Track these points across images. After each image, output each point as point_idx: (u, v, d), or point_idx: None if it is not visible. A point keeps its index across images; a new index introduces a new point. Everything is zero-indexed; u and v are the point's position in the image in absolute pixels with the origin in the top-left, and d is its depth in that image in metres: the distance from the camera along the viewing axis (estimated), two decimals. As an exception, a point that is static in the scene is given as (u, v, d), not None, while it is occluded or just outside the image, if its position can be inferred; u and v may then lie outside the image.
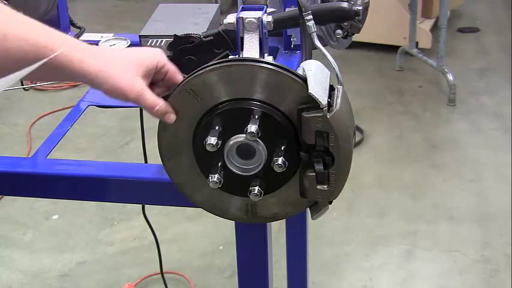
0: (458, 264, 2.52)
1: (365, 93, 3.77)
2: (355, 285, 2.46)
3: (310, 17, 1.06)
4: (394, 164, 3.15)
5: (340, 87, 1.00)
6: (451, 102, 3.66)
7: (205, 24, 1.43)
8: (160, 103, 0.99)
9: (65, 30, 1.62)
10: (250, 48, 1.13)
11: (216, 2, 4.31)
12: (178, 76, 1.04)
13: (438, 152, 3.26)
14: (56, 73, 0.95)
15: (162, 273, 2.21)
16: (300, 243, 2.01)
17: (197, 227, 2.76)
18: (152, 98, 0.98)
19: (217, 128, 0.99)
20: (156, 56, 1.01)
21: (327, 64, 1.02)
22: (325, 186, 0.99)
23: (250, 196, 1.01)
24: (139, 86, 0.97)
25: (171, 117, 1.00)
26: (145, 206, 1.93)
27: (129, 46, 1.50)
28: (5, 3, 0.93)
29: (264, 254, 1.21)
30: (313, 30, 1.06)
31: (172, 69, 1.04)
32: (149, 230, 1.99)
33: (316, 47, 1.06)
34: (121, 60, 0.97)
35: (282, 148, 0.99)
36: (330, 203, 1.03)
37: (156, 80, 1.03)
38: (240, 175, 1.02)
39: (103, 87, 0.96)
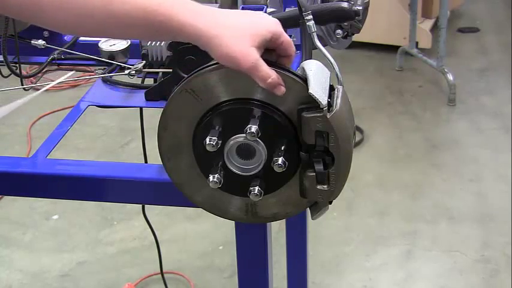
0: (458, 264, 2.52)
1: (365, 93, 3.77)
2: (355, 285, 2.46)
3: (310, 17, 1.05)
4: (394, 164, 3.15)
5: (340, 87, 1.00)
6: (451, 102, 3.66)
7: (205, 24, 1.42)
8: (273, 75, 0.95)
9: (65, 30, 1.62)
10: (250, 48, 1.12)
11: (216, 2, 4.31)
12: (292, 49, 1.01)
13: (438, 152, 3.26)
14: (166, 36, 0.95)
15: (162, 273, 2.21)
16: (300, 243, 2.00)
17: (197, 227, 2.76)
18: (265, 70, 0.94)
19: (217, 128, 0.99)
20: (272, 26, 0.97)
21: (327, 64, 1.02)
22: (325, 186, 0.99)
23: (250, 196, 1.01)
24: (253, 57, 0.93)
25: (282, 90, 0.96)
26: (145, 206, 1.93)
27: (129, 46, 1.50)
28: None
29: (264, 254, 1.21)
30: (313, 30, 1.06)
31: (287, 41, 1.00)
32: (149, 230, 1.99)
33: (316, 47, 1.06)
34: (236, 27, 0.94)
35: (282, 148, 0.99)
36: (330, 203, 1.03)
37: (268, 47, 0.99)
38: (240, 175, 1.02)
39: (215, 54, 0.94)
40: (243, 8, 1.14)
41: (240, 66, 0.93)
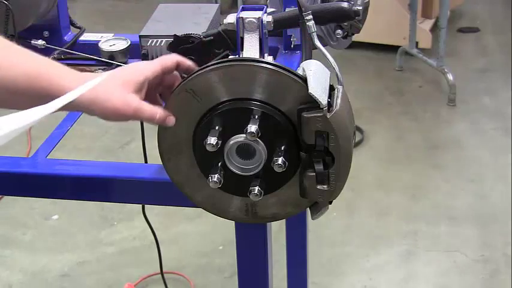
0: (458, 264, 2.52)
1: (365, 94, 3.77)
2: (355, 285, 2.46)
3: (310, 17, 1.06)
4: (394, 164, 3.15)
5: (340, 87, 1.00)
6: (451, 102, 3.66)
7: (206, 24, 1.43)
8: (158, 111, 0.99)
9: (65, 30, 1.62)
10: (250, 48, 1.13)
11: (216, 2, 4.31)
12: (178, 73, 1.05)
13: (438, 153, 3.25)
14: (46, 102, 0.93)
15: (162, 273, 2.21)
16: (300, 243, 2.01)
17: (197, 227, 2.76)
18: (150, 110, 0.98)
19: (217, 128, 0.99)
20: (143, 68, 1.00)
21: (327, 64, 1.02)
22: (325, 186, 0.99)
23: (250, 196, 1.01)
24: (134, 102, 0.97)
25: (172, 120, 1.00)
26: (145, 206, 1.93)
27: (129, 46, 1.51)
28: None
29: (264, 254, 1.21)
30: (313, 30, 1.06)
31: (168, 80, 1.05)
32: (149, 230, 1.99)
33: (316, 47, 1.06)
34: (109, 83, 0.97)
35: (282, 148, 0.99)
36: (330, 203, 1.03)
37: (152, 87, 1.03)
38: (240, 175, 1.02)
39: (100, 112, 0.96)
40: (243, 8, 1.14)
41: (126, 115, 0.96)
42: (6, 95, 0.93)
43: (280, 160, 0.98)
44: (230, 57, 1.09)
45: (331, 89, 0.99)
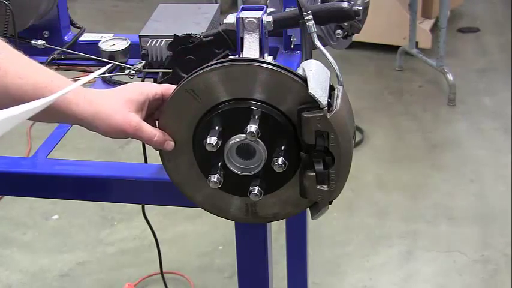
0: (458, 264, 2.52)
1: (365, 94, 3.77)
2: (355, 285, 2.46)
3: (310, 17, 1.06)
4: (394, 164, 3.15)
5: (340, 87, 1.00)
6: (451, 102, 3.66)
7: (206, 24, 1.43)
8: (157, 134, 1.01)
9: (65, 30, 1.62)
10: (250, 48, 1.13)
11: (216, 2, 4.31)
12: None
13: (438, 152, 3.26)
14: (51, 115, 0.96)
15: (162, 273, 2.21)
16: (300, 243, 2.01)
17: (197, 227, 2.76)
18: (149, 130, 1.01)
19: (217, 128, 0.99)
20: (144, 89, 1.03)
21: (327, 64, 1.02)
22: (325, 186, 0.99)
23: (250, 196, 1.01)
24: (134, 121, 0.99)
25: (170, 144, 1.02)
26: (145, 206, 1.93)
27: (129, 46, 1.51)
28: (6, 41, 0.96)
29: (264, 254, 1.21)
30: (313, 30, 1.06)
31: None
32: (149, 230, 1.99)
33: (316, 47, 1.06)
34: (111, 100, 1.00)
35: (282, 148, 0.99)
36: (330, 203, 1.03)
37: (153, 109, 1.06)
38: (240, 175, 1.02)
39: (101, 129, 0.99)
40: (243, 8, 1.14)
41: (126, 132, 0.99)
42: (11, 103, 0.93)
43: (280, 160, 0.98)
44: (230, 57, 1.09)
45: (331, 89, 0.99)
